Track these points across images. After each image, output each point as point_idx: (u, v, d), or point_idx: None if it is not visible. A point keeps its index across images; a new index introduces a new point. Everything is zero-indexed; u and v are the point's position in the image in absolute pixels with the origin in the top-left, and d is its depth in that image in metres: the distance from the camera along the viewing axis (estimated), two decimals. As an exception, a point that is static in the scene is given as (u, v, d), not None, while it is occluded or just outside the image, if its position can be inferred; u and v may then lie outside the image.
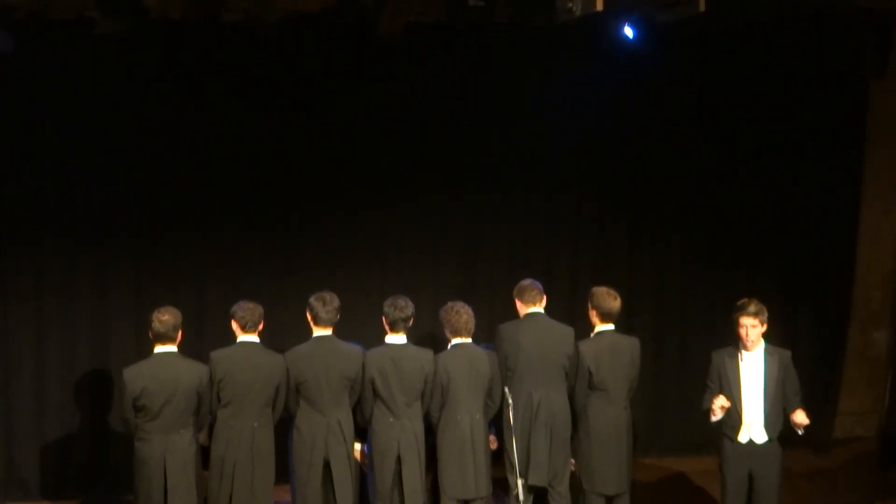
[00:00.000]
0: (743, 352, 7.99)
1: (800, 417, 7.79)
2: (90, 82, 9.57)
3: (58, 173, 9.66)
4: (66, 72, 9.52)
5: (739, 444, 7.99)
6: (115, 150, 9.71)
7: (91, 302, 9.83)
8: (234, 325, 7.94)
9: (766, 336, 8.03)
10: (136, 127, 9.70)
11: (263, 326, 8.02)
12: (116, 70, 9.57)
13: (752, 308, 7.90)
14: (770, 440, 7.94)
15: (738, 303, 8.02)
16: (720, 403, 7.92)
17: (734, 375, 8.01)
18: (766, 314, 7.92)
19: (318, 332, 8.05)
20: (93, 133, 9.65)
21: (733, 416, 8.00)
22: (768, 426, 7.93)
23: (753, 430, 7.95)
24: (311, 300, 8.03)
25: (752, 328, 7.89)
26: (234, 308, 7.95)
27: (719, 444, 8.14)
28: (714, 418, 8.00)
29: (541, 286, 8.49)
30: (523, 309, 8.45)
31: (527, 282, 8.54)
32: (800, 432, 7.88)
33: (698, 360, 10.93)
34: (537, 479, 8.24)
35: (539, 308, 8.44)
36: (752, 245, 11.20)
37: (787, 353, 8.04)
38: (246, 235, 10.11)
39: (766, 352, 7.98)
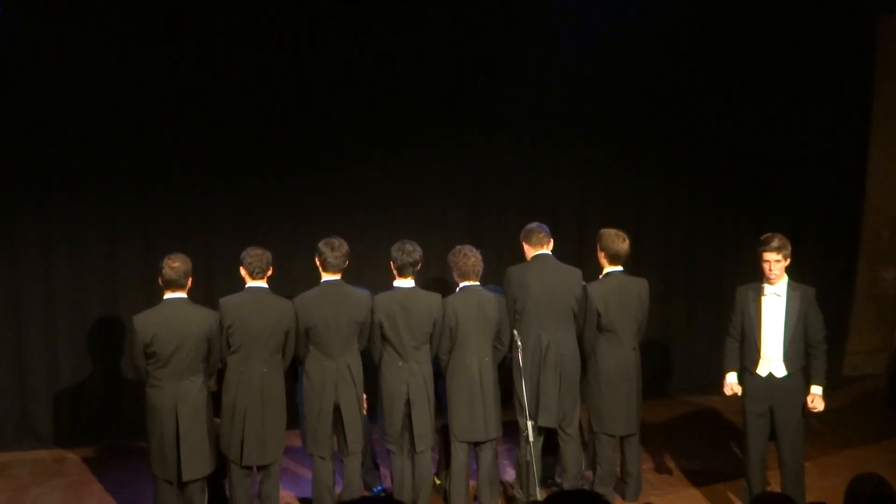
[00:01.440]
0: (766, 286, 8.03)
1: (816, 403, 7.99)
2: (91, 36, 9.50)
3: (64, 126, 9.63)
4: (65, 27, 9.46)
5: (759, 377, 8.07)
6: (120, 101, 9.68)
7: (100, 250, 9.86)
8: (243, 272, 7.93)
9: (789, 272, 8.06)
10: (141, 78, 9.65)
11: (272, 273, 8.03)
12: (119, 21, 9.51)
13: (775, 243, 7.92)
14: (790, 374, 8.00)
15: (762, 237, 8.04)
16: (730, 386, 8.22)
17: (756, 310, 8.06)
18: (789, 249, 7.95)
19: (326, 277, 8.05)
20: (96, 86, 9.62)
21: (752, 350, 8.08)
22: (788, 360, 7.99)
23: (773, 363, 8.02)
24: (320, 245, 8.02)
25: (776, 263, 7.93)
26: (243, 255, 7.94)
27: (741, 378, 8.22)
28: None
29: (547, 229, 8.47)
30: (530, 252, 8.43)
31: (533, 224, 8.51)
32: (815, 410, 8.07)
33: (707, 301, 11.04)
34: (547, 421, 8.29)
35: (546, 250, 8.42)
36: (761, 186, 11.21)
37: (811, 290, 8.07)
38: (254, 183, 10.10)
39: (790, 287, 8.02)
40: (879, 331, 11.86)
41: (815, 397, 8.03)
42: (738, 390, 8.19)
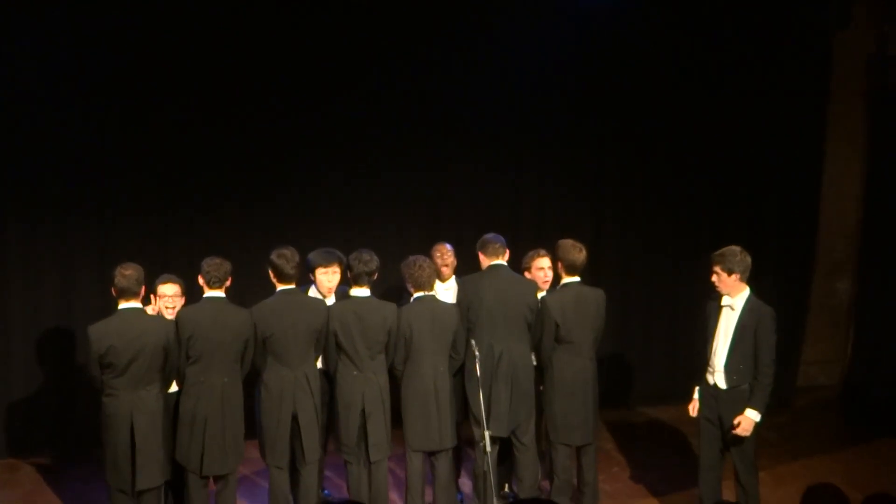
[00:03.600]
0: (724, 299, 8.09)
1: (741, 426, 7.93)
2: (46, 52, 9.44)
3: (18, 140, 9.58)
4: (17, 40, 9.40)
5: (707, 385, 8.14)
6: (74, 115, 9.65)
7: (54, 260, 9.79)
8: (201, 281, 7.89)
9: (752, 287, 8.10)
10: (94, 93, 9.64)
11: (231, 283, 8.00)
12: (73, 39, 9.50)
13: (717, 256, 8.00)
14: (730, 388, 8.01)
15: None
16: (694, 403, 8.27)
17: (713, 321, 8.14)
18: (733, 263, 7.92)
19: (282, 287, 8.04)
20: (51, 100, 9.56)
21: (703, 360, 8.16)
22: (728, 373, 8.01)
23: (717, 374, 8.07)
24: (273, 257, 7.98)
25: (715, 276, 8.01)
26: (202, 263, 7.89)
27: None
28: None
29: (503, 240, 8.48)
30: (486, 262, 8.45)
31: (489, 235, 8.52)
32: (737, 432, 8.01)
33: (664, 313, 11.09)
34: (498, 430, 8.23)
35: (502, 261, 8.42)
36: (718, 197, 11.28)
37: (768, 310, 8.05)
38: (208, 196, 10.09)
39: (748, 302, 8.03)
40: (833, 341, 11.97)
41: (743, 420, 7.93)
42: (694, 413, 8.29)
